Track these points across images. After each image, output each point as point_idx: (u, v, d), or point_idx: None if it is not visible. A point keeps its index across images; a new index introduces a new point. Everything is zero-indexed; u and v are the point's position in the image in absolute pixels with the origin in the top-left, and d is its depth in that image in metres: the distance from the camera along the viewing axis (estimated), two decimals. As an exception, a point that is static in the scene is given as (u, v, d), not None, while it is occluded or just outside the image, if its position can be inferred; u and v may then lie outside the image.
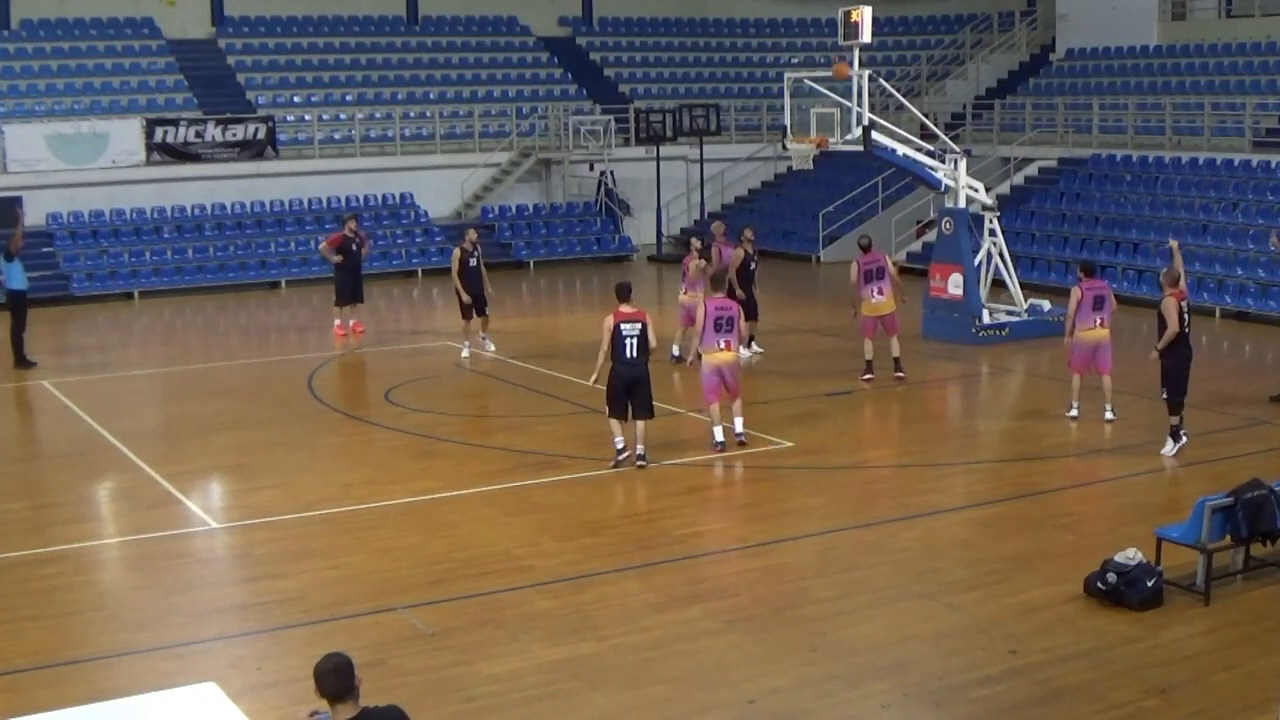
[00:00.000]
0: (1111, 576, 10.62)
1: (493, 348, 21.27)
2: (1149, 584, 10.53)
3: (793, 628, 10.39)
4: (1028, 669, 9.53)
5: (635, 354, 14.35)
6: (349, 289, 23.10)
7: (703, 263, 19.84)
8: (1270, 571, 11.26)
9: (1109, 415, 16.39)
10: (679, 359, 19.61)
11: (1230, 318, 24.01)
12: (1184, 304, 14.63)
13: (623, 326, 14.34)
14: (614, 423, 14.61)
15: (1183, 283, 14.81)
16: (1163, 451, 14.80)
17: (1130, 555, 10.73)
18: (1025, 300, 22.95)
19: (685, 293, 19.85)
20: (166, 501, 14.01)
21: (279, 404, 18.30)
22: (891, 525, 12.83)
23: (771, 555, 12.11)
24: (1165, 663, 9.66)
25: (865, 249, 19.11)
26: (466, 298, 20.64)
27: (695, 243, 20.58)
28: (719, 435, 15.28)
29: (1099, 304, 16.28)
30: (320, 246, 23.94)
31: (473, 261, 20.94)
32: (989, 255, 22.62)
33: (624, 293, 14.76)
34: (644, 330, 14.42)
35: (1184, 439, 14.87)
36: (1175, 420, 14.79)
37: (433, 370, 20.68)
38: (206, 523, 13.35)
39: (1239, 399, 17.77)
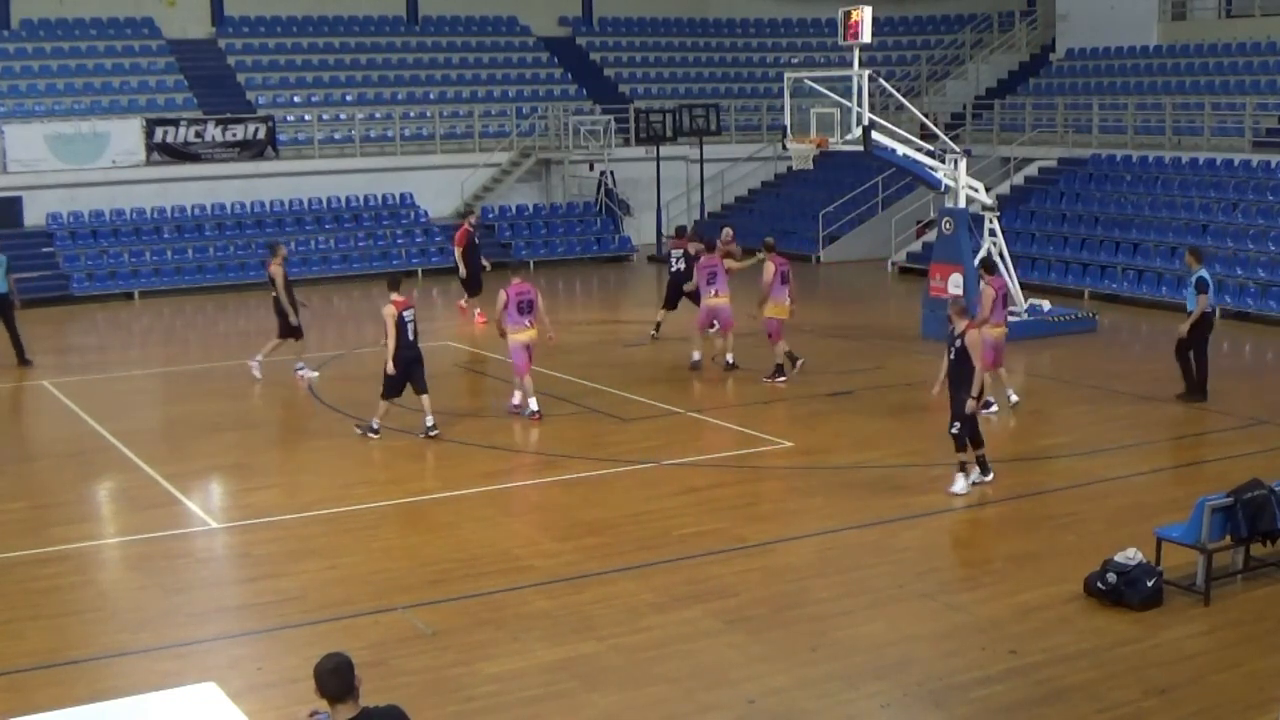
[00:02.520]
0: (1111, 576, 10.62)
1: (314, 373, 19.83)
2: (1149, 584, 10.53)
3: (793, 628, 10.39)
4: (1028, 669, 9.53)
5: (414, 337, 15.89)
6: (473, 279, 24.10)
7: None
8: (1270, 571, 11.26)
9: (1015, 399, 17.21)
10: (697, 364, 19.71)
11: (1230, 318, 23.99)
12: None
13: (404, 314, 15.73)
14: (385, 404, 16.03)
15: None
16: (953, 489, 13.59)
17: (1130, 555, 10.74)
18: (1025, 300, 22.95)
19: (715, 295, 19.55)
20: (166, 501, 14.01)
21: (279, 404, 18.31)
22: (891, 525, 12.83)
23: (771, 555, 12.11)
24: (1165, 663, 9.66)
25: (773, 249, 19.17)
26: (293, 318, 19.54)
27: (727, 232, 21.70)
28: (534, 405, 16.96)
29: (1005, 302, 16.99)
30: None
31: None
32: (989, 255, 22.58)
33: (395, 283, 16.14)
34: (415, 314, 16.02)
35: (978, 477, 13.79)
36: (980, 452, 13.78)
37: (433, 370, 20.63)
38: (206, 523, 13.35)
39: (1239, 399, 17.77)
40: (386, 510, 13.56)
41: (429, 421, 16.01)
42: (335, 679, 6.06)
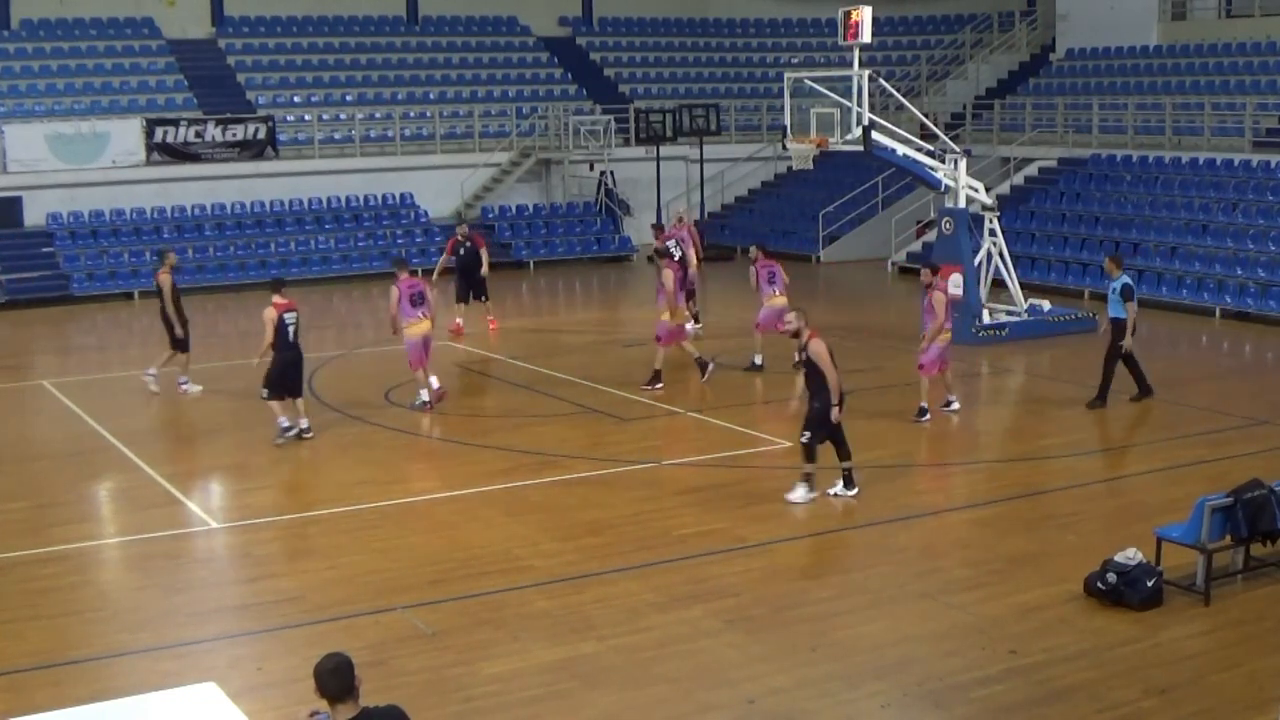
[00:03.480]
0: (1111, 576, 10.62)
1: (197, 389, 19.12)
2: (1149, 584, 10.53)
3: (793, 628, 10.39)
4: (1028, 669, 9.53)
5: (295, 339, 16.15)
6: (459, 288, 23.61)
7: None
8: (1270, 571, 11.26)
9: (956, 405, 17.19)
10: (759, 367, 19.56)
11: (1230, 318, 24.01)
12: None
13: (285, 316, 16.04)
14: (275, 404, 16.06)
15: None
16: (791, 498, 13.39)
17: (1130, 555, 10.74)
18: (1025, 300, 22.95)
19: (777, 294, 19.54)
20: (166, 501, 14.01)
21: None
22: (891, 525, 12.83)
23: (771, 555, 12.11)
24: (1165, 663, 9.66)
25: (668, 255, 19.53)
26: (180, 330, 19.03)
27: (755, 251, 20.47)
28: (425, 395, 17.53)
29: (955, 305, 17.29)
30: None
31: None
32: (989, 255, 22.62)
33: (278, 286, 16.58)
34: (297, 318, 16.23)
35: (841, 490, 13.58)
36: (848, 465, 13.55)
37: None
38: (206, 523, 13.34)
39: (1239, 399, 17.78)
40: (386, 510, 13.56)
41: (303, 424, 16.13)
42: (336, 679, 6.06)
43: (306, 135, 33.89)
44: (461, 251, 23.30)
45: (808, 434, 13.35)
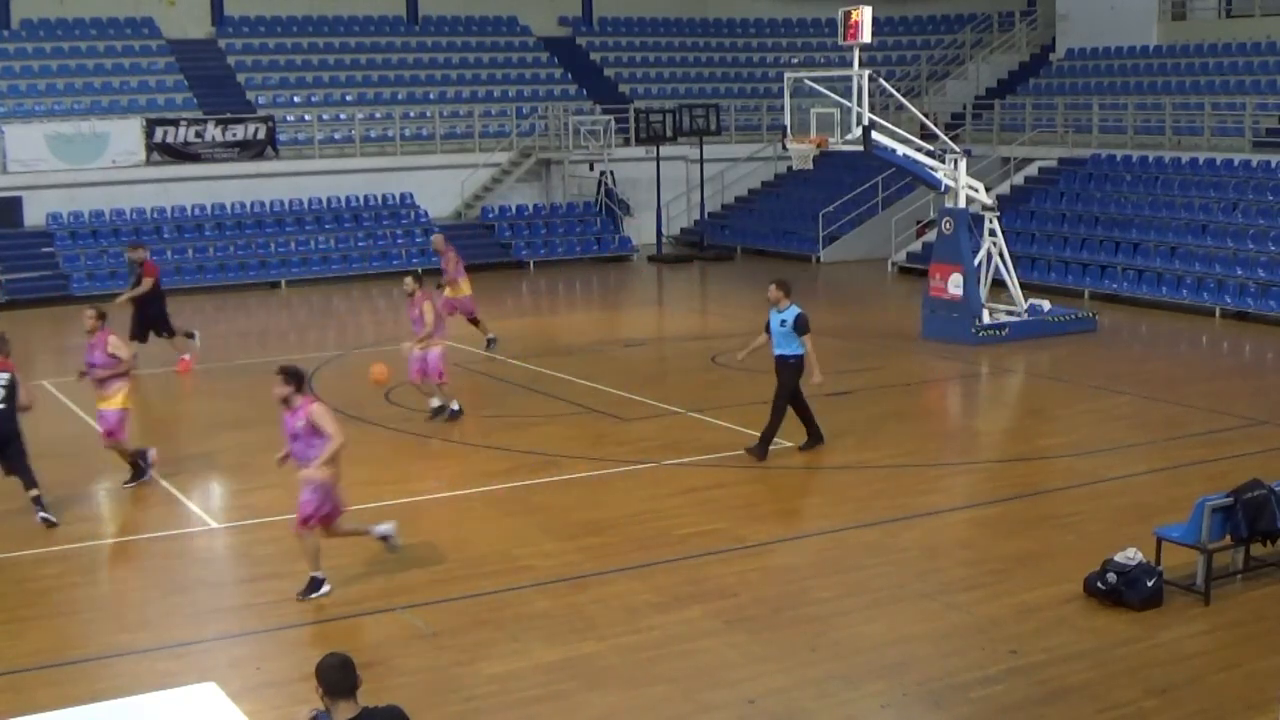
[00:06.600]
0: (1111, 576, 10.62)
1: None
2: (1149, 584, 10.53)
3: (793, 628, 10.39)
4: (1028, 669, 9.53)
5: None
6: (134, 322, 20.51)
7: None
8: (1270, 571, 11.26)
9: None
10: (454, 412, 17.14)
11: (1230, 318, 24.01)
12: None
13: None
14: None
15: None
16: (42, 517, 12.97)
17: (1130, 555, 10.74)
18: (1025, 300, 22.95)
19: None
20: (166, 501, 14.01)
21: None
22: (891, 525, 12.82)
23: (771, 555, 12.11)
24: (1165, 663, 9.66)
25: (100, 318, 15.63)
26: None
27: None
28: None
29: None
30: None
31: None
32: (989, 255, 22.62)
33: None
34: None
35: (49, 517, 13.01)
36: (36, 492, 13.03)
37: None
38: (206, 523, 13.35)
39: (1239, 399, 17.77)
40: (386, 510, 13.51)
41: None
42: (339, 675, 6.07)
43: (306, 135, 33.89)
44: (131, 278, 20.57)
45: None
